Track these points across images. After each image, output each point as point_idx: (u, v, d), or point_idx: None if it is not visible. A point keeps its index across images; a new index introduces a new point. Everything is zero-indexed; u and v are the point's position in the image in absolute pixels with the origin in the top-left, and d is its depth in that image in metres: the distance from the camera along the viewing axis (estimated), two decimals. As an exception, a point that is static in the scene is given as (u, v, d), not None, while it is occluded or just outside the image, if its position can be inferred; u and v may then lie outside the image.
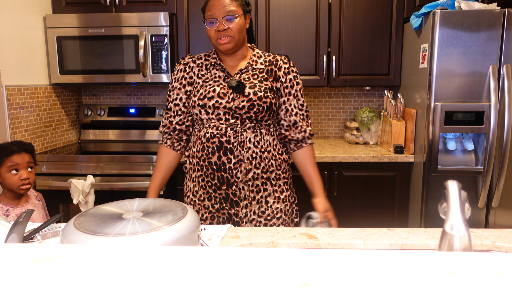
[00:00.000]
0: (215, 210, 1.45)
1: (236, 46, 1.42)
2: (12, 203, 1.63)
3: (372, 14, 2.49)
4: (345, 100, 2.93)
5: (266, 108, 1.39)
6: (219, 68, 1.45)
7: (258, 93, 1.38)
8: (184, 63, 1.50)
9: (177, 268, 0.47)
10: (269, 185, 1.45)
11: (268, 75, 1.45)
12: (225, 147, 1.38)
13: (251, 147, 1.39)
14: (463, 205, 0.65)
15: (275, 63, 1.47)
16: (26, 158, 1.64)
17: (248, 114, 1.38)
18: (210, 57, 1.49)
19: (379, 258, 0.49)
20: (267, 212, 1.45)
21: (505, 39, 2.03)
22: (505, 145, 2.06)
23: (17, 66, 2.30)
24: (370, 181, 2.37)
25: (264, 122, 1.43)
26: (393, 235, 1.08)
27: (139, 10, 2.51)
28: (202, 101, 1.39)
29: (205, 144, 1.41)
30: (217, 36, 1.38)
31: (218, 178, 1.40)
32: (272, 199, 1.46)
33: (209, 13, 1.38)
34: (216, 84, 1.41)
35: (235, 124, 1.39)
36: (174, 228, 0.79)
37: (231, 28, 1.37)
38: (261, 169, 1.42)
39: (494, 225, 2.19)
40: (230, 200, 1.42)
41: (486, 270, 0.46)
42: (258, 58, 1.48)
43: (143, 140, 2.90)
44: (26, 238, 1.03)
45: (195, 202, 1.48)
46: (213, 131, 1.39)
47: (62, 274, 0.46)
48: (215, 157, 1.39)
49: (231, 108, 1.37)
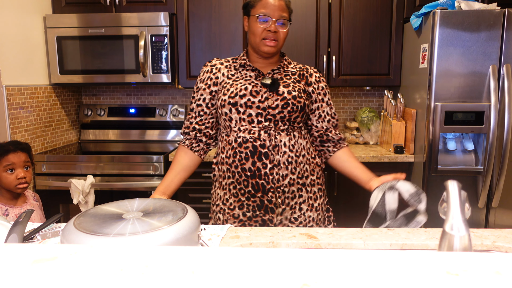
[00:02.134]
0: (247, 218, 1.38)
1: (276, 52, 1.39)
2: (10, 203, 1.63)
3: (372, 14, 2.49)
4: (345, 100, 2.93)
5: (300, 108, 1.35)
6: (249, 68, 1.40)
7: (293, 92, 1.35)
8: (211, 64, 1.45)
9: (177, 268, 0.47)
10: (304, 192, 1.40)
11: (300, 78, 1.43)
12: (259, 151, 1.32)
13: (286, 151, 1.34)
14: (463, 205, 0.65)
15: (306, 70, 1.46)
16: (22, 157, 1.64)
17: (281, 114, 1.33)
18: (239, 59, 1.44)
19: (379, 258, 0.49)
20: (299, 219, 1.40)
21: (505, 39, 2.03)
22: (505, 145, 2.06)
23: (17, 66, 2.30)
24: (370, 181, 2.37)
25: (297, 124, 1.38)
26: (393, 235, 1.08)
27: (139, 10, 2.51)
28: (233, 99, 1.33)
29: (236, 149, 1.34)
30: (265, 35, 1.34)
31: (253, 185, 1.34)
32: (306, 206, 1.41)
33: (264, 10, 1.33)
34: (247, 83, 1.36)
35: (268, 127, 1.33)
36: (174, 228, 0.79)
37: (279, 33, 1.34)
38: (297, 174, 1.37)
39: (494, 225, 2.19)
40: (265, 207, 1.35)
41: (486, 270, 0.46)
42: (288, 63, 1.46)
43: (143, 140, 2.90)
44: (26, 238, 1.03)
45: (224, 211, 1.40)
46: (245, 135, 1.33)
47: (62, 274, 0.46)
48: (249, 163, 1.32)
49: (264, 108, 1.32)
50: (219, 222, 1.42)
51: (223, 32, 2.53)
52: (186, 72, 2.58)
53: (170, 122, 2.89)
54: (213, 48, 2.55)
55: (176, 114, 2.87)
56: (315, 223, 1.43)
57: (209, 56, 2.55)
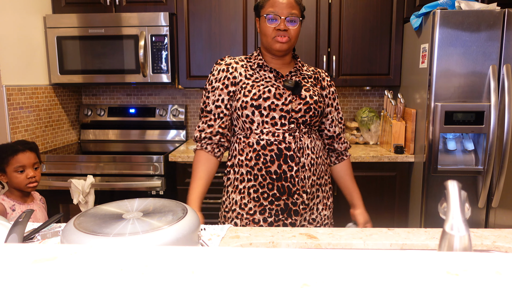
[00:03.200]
0: (267, 224, 1.34)
1: (289, 50, 1.37)
2: (19, 201, 1.65)
3: (372, 14, 2.49)
4: (345, 100, 2.93)
5: (320, 113, 1.36)
6: (267, 69, 1.37)
7: (314, 97, 1.35)
8: (226, 63, 1.38)
9: (177, 268, 0.47)
10: (320, 192, 1.41)
11: (315, 82, 1.43)
12: (285, 154, 1.30)
13: (309, 153, 1.34)
14: (463, 205, 0.65)
15: (319, 74, 1.46)
16: (31, 157, 1.65)
17: (303, 118, 1.32)
18: (253, 59, 1.40)
19: (379, 258, 0.49)
20: (317, 219, 1.41)
21: (505, 39, 2.03)
22: (505, 145, 2.06)
23: (17, 66, 2.30)
24: (370, 181, 2.37)
25: (314, 127, 1.39)
26: (393, 235, 1.08)
27: (139, 10, 2.51)
28: (257, 102, 1.29)
29: (260, 152, 1.31)
30: (275, 34, 1.32)
31: (278, 188, 1.31)
32: (321, 206, 1.42)
33: (272, 9, 1.31)
34: (269, 84, 1.33)
35: (293, 129, 1.32)
36: (174, 228, 0.79)
37: (290, 31, 1.32)
38: (317, 175, 1.38)
39: (494, 225, 2.19)
40: (289, 210, 1.33)
41: (486, 270, 0.46)
42: (302, 65, 1.45)
43: (143, 140, 2.90)
44: (26, 238, 1.03)
45: (242, 216, 1.35)
46: (269, 138, 1.31)
47: (62, 274, 0.46)
48: (274, 166, 1.30)
49: (288, 111, 1.31)
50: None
51: (223, 32, 2.53)
52: (186, 72, 2.58)
53: (170, 122, 2.89)
54: (213, 48, 2.55)
55: (176, 114, 2.87)
56: (329, 220, 1.46)
57: (209, 56, 2.55)
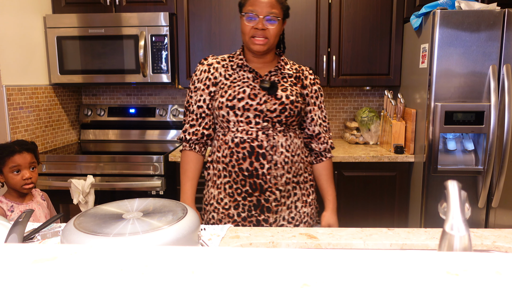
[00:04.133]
0: (241, 219, 1.38)
1: (268, 50, 1.37)
2: (17, 201, 1.65)
3: (372, 14, 2.49)
4: (345, 100, 2.93)
5: (297, 113, 1.36)
6: (246, 69, 1.39)
7: (291, 97, 1.34)
8: (208, 63, 1.42)
9: (177, 268, 0.47)
10: (298, 189, 1.42)
11: (296, 81, 1.42)
12: (257, 152, 1.32)
13: (283, 151, 1.35)
14: (463, 205, 0.65)
15: (302, 72, 1.45)
16: (28, 158, 1.64)
17: (279, 118, 1.33)
18: (235, 58, 1.42)
19: (379, 258, 0.49)
20: (296, 217, 1.41)
21: (505, 39, 2.03)
22: (505, 145, 2.06)
23: (17, 66, 2.30)
24: (370, 181, 2.37)
25: (292, 126, 1.39)
26: (393, 235, 1.08)
27: (139, 10, 2.51)
28: (231, 102, 1.32)
29: (233, 149, 1.34)
30: (253, 33, 1.32)
31: (250, 184, 1.34)
32: (300, 203, 1.43)
33: (251, 8, 1.31)
34: (245, 85, 1.35)
35: (266, 127, 1.33)
36: (174, 228, 0.79)
37: (269, 30, 1.31)
38: (292, 173, 1.38)
39: (494, 225, 2.19)
40: (262, 206, 1.36)
41: (486, 270, 0.46)
42: (285, 64, 1.44)
43: (143, 140, 2.90)
44: (26, 238, 1.03)
45: (218, 210, 1.40)
46: (243, 136, 1.33)
47: (62, 274, 0.46)
48: (246, 163, 1.33)
49: (262, 110, 1.32)
50: (212, 221, 1.42)
51: (223, 32, 2.53)
52: (186, 72, 2.58)
53: (170, 122, 2.89)
54: (213, 48, 2.55)
55: (176, 114, 2.87)
56: (309, 218, 1.45)
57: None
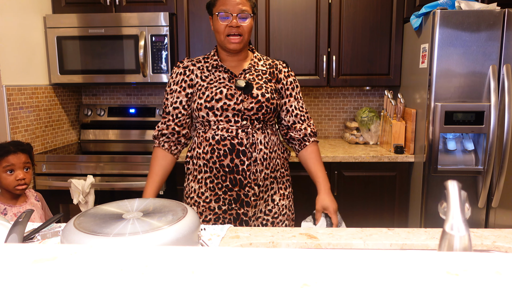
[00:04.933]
0: (222, 212, 1.43)
1: (243, 47, 1.42)
2: (9, 203, 1.63)
3: (372, 14, 2.49)
4: (345, 100, 2.93)
5: (273, 109, 1.41)
6: (222, 70, 1.43)
7: (266, 95, 1.39)
8: (184, 66, 1.47)
9: (177, 268, 0.47)
10: (275, 184, 1.48)
11: (270, 77, 1.46)
12: (237, 149, 1.37)
13: (262, 148, 1.40)
14: (463, 205, 0.65)
15: (275, 67, 1.49)
16: (22, 159, 1.63)
17: (256, 115, 1.38)
18: (210, 58, 1.47)
19: (379, 258, 0.49)
20: (274, 210, 1.47)
21: (505, 39, 2.03)
22: (505, 145, 2.06)
23: (17, 66, 2.30)
24: (370, 181, 2.37)
25: (269, 122, 1.44)
26: (393, 235, 1.08)
27: (139, 10, 2.51)
28: (210, 103, 1.37)
29: (214, 146, 1.39)
30: (228, 31, 1.36)
31: (231, 180, 1.39)
32: (278, 196, 1.48)
33: (223, 7, 1.36)
34: (222, 86, 1.39)
35: (245, 125, 1.38)
36: (174, 228, 0.79)
37: (243, 27, 1.37)
38: (270, 169, 1.44)
39: (494, 225, 2.19)
40: (241, 200, 1.42)
41: (486, 270, 0.46)
42: (258, 60, 1.49)
43: (143, 140, 2.90)
44: (26, 238, 1.03)
45: (199, 203, 1.45)
46: (223, 133, 1.38)
47: (62, 274, 0.46)
48: (227, 160, 1.38)
49: (240, 109, 1.37)
50: None
51: (223, 32, 2.53)
52: (186, 72, 2.58)
53: (170, 122, 2.88)
54: (213, 48, 2.55)
55: (176, 114, 2.87)
56: (288, 210, 1.51)
57: (209, 56, 2.55)
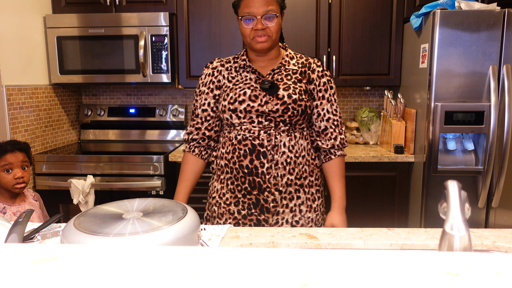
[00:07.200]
0: (241, 217, 1.37)
1: (272, 46, 1.34)
2: (8, 202, 1.64)
3: (372, 14, 2.49)
4: (345, 100, 2.93)
5: (301, 111, 1.32)
6: (249, 70, 1.37)
7: (293, 96, 1.31)
8: (212, 67, 1.42)
9: (177, 268, 0.47)
10: (302, 193, 1.39)
11: (301, 77, 1.38)
12: (258, 150, 1.32)
13: (285, 151, 1.33)
14: (463, 205, 0.65)
15: (309, 66, 1.40)
16: (20, 157, 1.64)
17: (282, 117, 1.31)
18: (239, 59, 1.41)
19: (379, 258, 0.49)
20: (301, 222, 1.39)
21: (505, 39, 2.03)
22: (505, 145, 2.06)
23: (17, 66, 2.30)
24: (370, 181, 2.37)
25: (298, 125, 1.36)
26: (393, 235, 1.08)
27: (139, 10, 2.51)
28: (233, 105, 1.32)
29: (236, 146, 1.34)
30: (254, 34, 1.30)
31: (249, 182, 1.34)
32: (305, 207, 1.39)
33: (247, 10, 1.28)
34: (246, 87, 1.33)
35: (268, 126, 1.32)
36: (174, 228, 0.79)
37: (269, 28, 1.29)
38: (295, 175, 1.35)
39: (494, 225, 2.19)
40: (261, 206, 1.35)
41: (486, 270, 0.46)
42: (290, 59, 1.41)
43: (143, 140, 2.90)
44: (26, 238, 1.03)
45: (220, 204, 1.41)
46: (245, 134, 1.33)
47: (62, 274, 0.46)
48: (246, 160, 1.33)
49: (264, 111, 1.31)
50: (214, 214, 1.42)
51: (223, 32, 2.53)
52: (186, 72, 2.58)
53: (170, 122, 2.89)
54: (213, 48, 2.55)
55: (176, 114, 2.87)
56: (314, 224, 1.42)
57: (209, 56, 2.55)
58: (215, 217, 1.42)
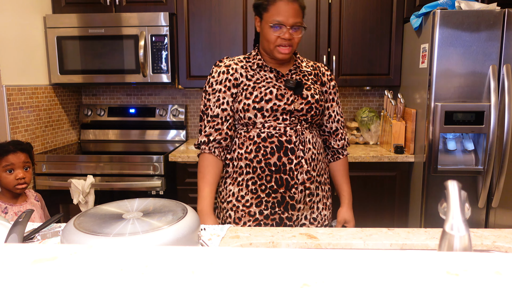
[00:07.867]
0: (263, 217, 1.35)
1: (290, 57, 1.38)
2: (10, 202, 1.64)
3: (372, 14, 2.49)
4: (345, 100, 2.93)
5: (321, 111, 1.38)
6: (267, 69, 1.37)
7: (315, 96, 1.35)
8: (226, 64, 1.37)
9: (177, 268, 0.47)
10: (320, 190, 1.41)
11: (316, 78, 1.42)
12: (285, 147, 1.31)
13: (310, 148, 1.35)
14: (463, 205, 0.65)
15: (319, 69, 1.45)
16: (21, 158, 1.64)
17: (305, 116, 1.33)
18: (252, 58, 1.39)
19: (379, 258, 0.49)
20: (318, 219, 1.41)
21: (505, 39, 2.03)
22: (505, 145, 2.06)
23: (17, 66, 2.30)
24: (370, 181, 2.37)
25: (316, 124, 1.41)
26: (393, 235, 1.08)
27: (139, 10, 2.51)
28: (259, 104, 1.30)
29: (260, 144, 1.32)
30: (279, 43, 1.30)
31: (276, 180, 1.32)
32: (321, 205, 1.42)
33: (278, 18, 1.28)
34: (270, 85, 1.33)
35: (294, 123, 1.33)
36: (174, 228, 0.79)
37: (294, 39, 1.31)
38: (317, 171, 1.37)
39: (494, 225, 2.19)
40: (286, 203, 1.34)
41: (486, 270, 0.46)
42: (301, 61, 1.44)
43: (143, 140, 2.90)
44: (26, 238, 1.03)
45: (238, 208, 1.36)
46: (270, 131, 1.31)
47: (62, 274, 0.46)
48: (274, 158, 1.31)
49: (291, 110, 1.32)
50: (229, 220, 1.38)
51: (223, 32, 2.53)
52: (186, 72, 2.58)
53: (170, 122, 2.89)
54: (213, 48, 2.55)
55: (176, 114, 2.87)
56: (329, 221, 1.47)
57: (209, 56, 2.55)
58: (230, 223, 1.37)
